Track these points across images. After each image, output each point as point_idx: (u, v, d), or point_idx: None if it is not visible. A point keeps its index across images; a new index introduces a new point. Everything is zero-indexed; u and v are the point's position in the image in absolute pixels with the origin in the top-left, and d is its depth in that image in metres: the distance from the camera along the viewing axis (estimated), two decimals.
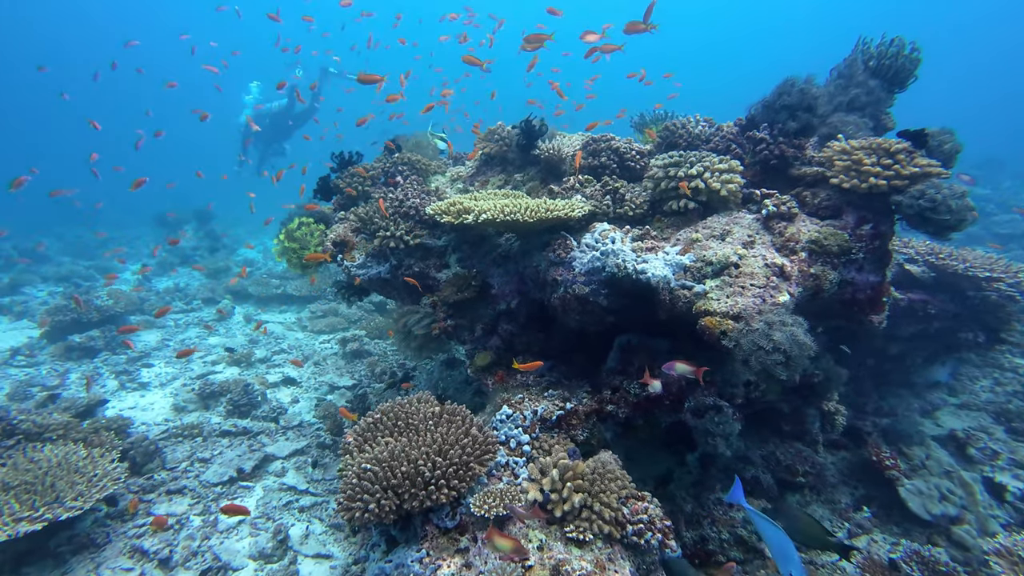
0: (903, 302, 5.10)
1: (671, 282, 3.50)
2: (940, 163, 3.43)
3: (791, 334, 2.94)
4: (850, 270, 3.58)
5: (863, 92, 4.12)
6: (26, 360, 8.88)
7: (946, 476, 5.25)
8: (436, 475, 3.00)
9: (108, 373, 8.24)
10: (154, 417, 6.87)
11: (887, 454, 5.21)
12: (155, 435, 6.30)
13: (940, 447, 5.74)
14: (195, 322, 10.78)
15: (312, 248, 4.75)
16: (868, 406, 6.01)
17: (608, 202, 4.12)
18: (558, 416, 3.71)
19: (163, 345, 9.64)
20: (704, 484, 4.84)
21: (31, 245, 17.61)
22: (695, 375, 3.24)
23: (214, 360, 8.81)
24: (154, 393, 7.62)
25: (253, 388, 7.07)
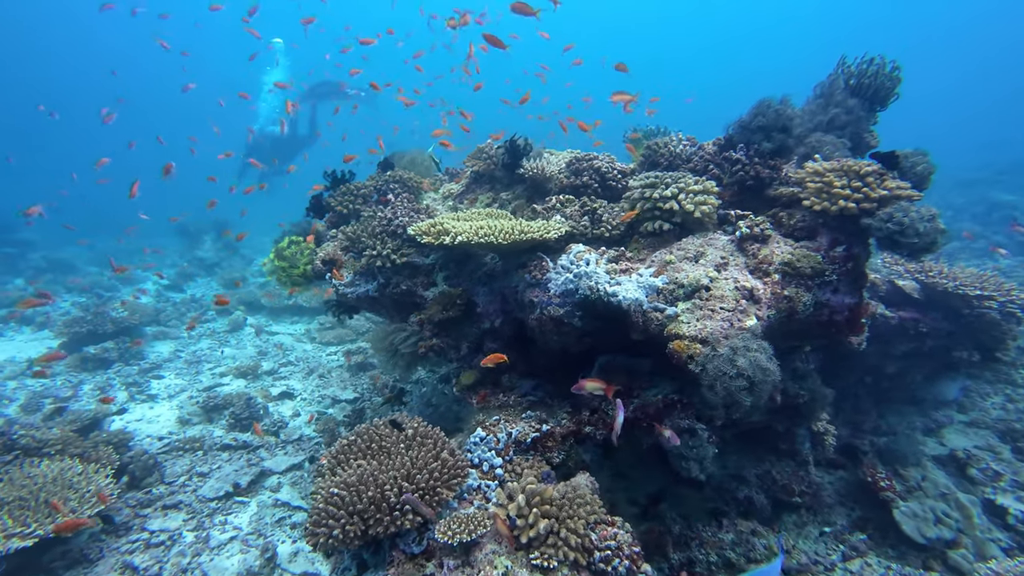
0: (894, 320, 4.99)
1: (643, 304, 3.46)
2: (912, 185, 3.36)
3: (754, 360, 2.89)
4: (825, 292, 3.51)
5: (843, 111, 4.05)
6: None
7: (942, 498, 5.11)
8: (403, 500, 2.99)
9: (119, 385, 8.38)
10: (159, 430, 6.96)
11: (882, 475, 5.10)
12: (157, 448, 6.39)
13: (938, 468, 5.59)
14: (208, 333, 10.95)
15: (301, 266, 4.80)
16: (866, 424, 5.89)
17: (586, 223, 4.10)
18: (533, 438, 3.68)
19: (175, 356, 9.79)
20: (695, 503, 4.78)
21: (63, 256, 18.05)
22: (605, 392, 3.30)
23: (222, 372, 8.92)
24: (162, 405, 7.73)
25: (255, 402, 7.14)
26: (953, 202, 16.89)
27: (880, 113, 4.39)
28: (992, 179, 18.10)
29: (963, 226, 14.34)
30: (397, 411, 5.61)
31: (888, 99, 4.23)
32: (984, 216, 15.06)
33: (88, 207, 19.53)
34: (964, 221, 14.94)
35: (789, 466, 5.35)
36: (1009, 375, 6.60)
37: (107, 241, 21.43)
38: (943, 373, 5.95)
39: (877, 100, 4.21)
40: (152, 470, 5.76)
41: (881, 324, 5.01)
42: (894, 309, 5.01)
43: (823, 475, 5.50)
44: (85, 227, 21.69)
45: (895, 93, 4.25)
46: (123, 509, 5.22)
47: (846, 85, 4.21)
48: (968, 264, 10.46)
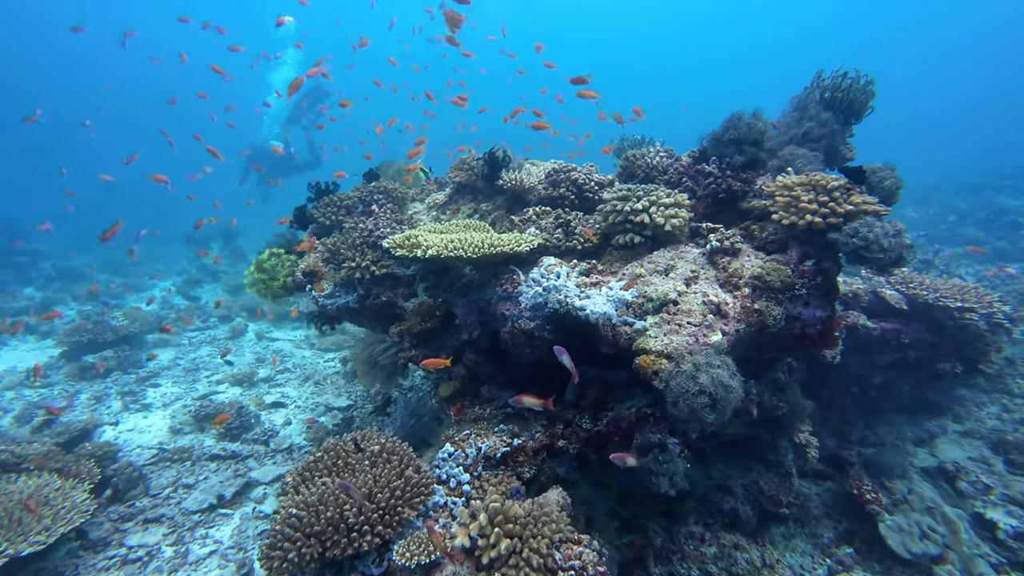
0: (876, 331, 4.90)
1: (612, 318, 3.40)
2: (880, 199, 3.29)
3: (716, 377, 2.82)
4: (796, 305, 3.44)
5: (816, 124, 3.99)
6: (40, 381, 9.08)
7: (928, 512, 5.00)
8: (360, 520, 2.93)
9: (115, 394, 8.38)
10: (150, 440, 6.93)
11: (868, 487, 5.00)
12: (145, 459, 6.36)
13: (926, 480, 5.48)
14: (208, 340, 10.95)
15: (281, 279, 4.77)
16: (853, 435, 5.78)
17: (560, 235, 4.05)
18: (503, 453, 3.62)
19: (174, 364, 9.80)
20: (677, 516, 4.71)
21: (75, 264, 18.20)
22: (543, 407, 3.29)
23: (219, 380, 8.91)
24: (156, 414, 7.71)
25: (247, 410, 7.11)
26: (957, 207, 16.69)
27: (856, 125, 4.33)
28: (998, 184, 17.90)
29: (967, 232, 14.18)
30: (381, 421, 5.57)
31: (862, 112, 4.17)
32: (989, 221, 14.86)
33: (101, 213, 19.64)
34: (968, 226, 14.74)
35: (776, 477, 5.27)
36: (1005, 384, 6.47)
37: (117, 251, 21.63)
38: (930, 384, 5.85)
39: (851, 113, 4.15)
40: (137, 483, 5.72)
41: (863, 335, 4.92)
42: (876, 320, 4.92)
43: (810, 486, 5.41)
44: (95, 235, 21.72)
45: (869, 106, 4.18)
46: (103, 524, 5.17)
47: (821, 99, 4.15)
48: (971, 271, 10.36)
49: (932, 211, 16.96)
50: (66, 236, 20.58)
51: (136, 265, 19.44)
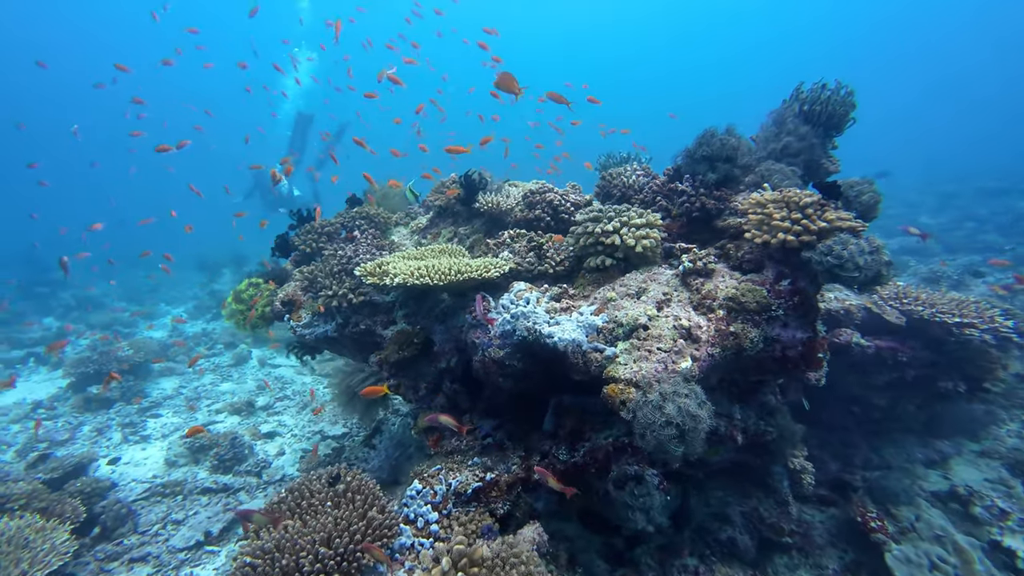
0: (870, 349, 4.66)
1: (582, 345, 3.24)
2: (857, 215, 3.11)
3: (683, 407, 2.64)
4: (774, 327, 3.25)
5: (795, 139, 3.83)
6: (47, 413, 9.07)
7: (937, 541, 4.70)
8: (316, 569, 2.77)
9: (116, 426, 8.32)
10: (145, 473, 6.83)
11: (873, 514, 4.73)
12: (138, 494, 6.25)
13: (935, 506, 5.17)
14: (212, 368, 10.91)
15: (259, 309, 4.67)
16: (856, 458, 5.50)
17: (532, 258, 3.91)
18: (475, 489, 3.43)
19: (176, 393, 9.75)
20: (672, 548, 4.48)
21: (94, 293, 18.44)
22: (458, 429, 3.30)
23: (219, 409, 8.83)
24: (154, 446, 7.62)
25: (241, 440, 6.99)
26: (976, 213, 16.30)
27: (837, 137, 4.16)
28: (1019, 188, 17.46)
29: (987, 238, 13.82)
30: (366, 452, 5.41)
31: (842, 124, 3.99)
32: (1009, 227, 14.45)
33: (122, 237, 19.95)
34: (989, 232, 14.36)
35: (775, 504, 5.03)
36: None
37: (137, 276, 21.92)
38: (938, 402, 5.57)
39: (831, 126, 3.98)
40: (125, 519, 5.60)
41: (858, 354, 4.69)
42: (871, 338, 4.69)
43: (814, 513, 5.14)
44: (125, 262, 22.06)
45: (850, 118, 4.01)
46: (89, 564, 5.04)
47: (800, 112, 3.99)
48: (993, 280, 9.99)
49: (946, 219, 16.57)
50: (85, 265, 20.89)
51: (153, 292, 19.68)
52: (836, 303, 4.80)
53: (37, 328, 14.88)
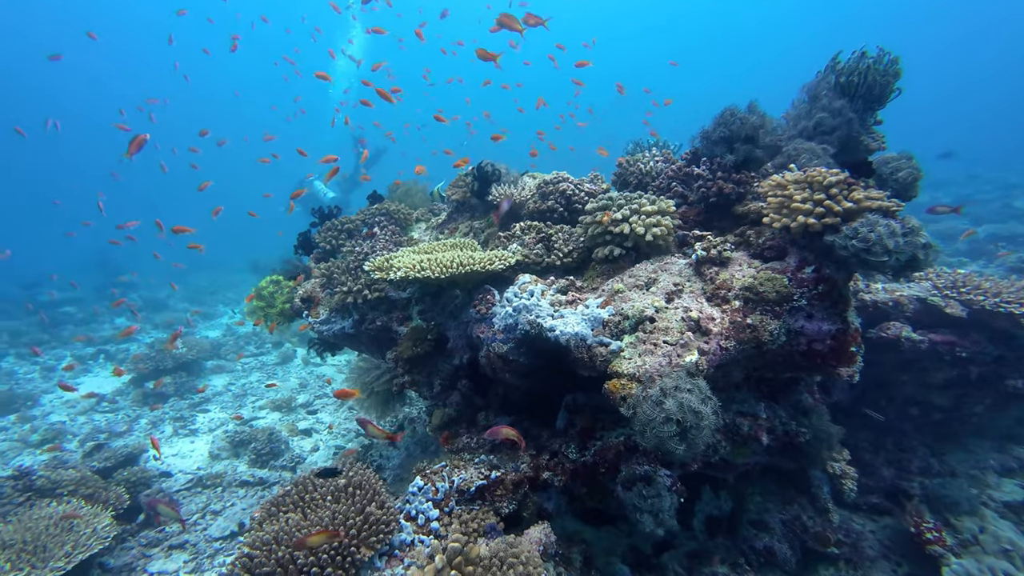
0: (923, 344, 4.30)
1: (587, 339, 3.12)
2: (893, 193, 2.85)
3: (683, 402, 2.49)
4: (797, 318, 3.03)
5: (828, 114, 3.55)
6: (109, 406, 9.66)
7: (1004, 555, 4.33)
8: (310, 562, 2.79)
9: (169, 420, 8.77)
10: (191, 464, 7.15)
11: (930, 524, 4.40)
12: (182, 484, 6.56)
13: (1004, 517, 4.76)
14: (259, 366, 11.33)
15: (279, 305, 4.77)
16: (914, 464, 5.12)
17: (540, 250, 3.81)
18: (478, 487, 3.38)
19: (226, 390, 10.17)
20: (703, 555, 4.32)
21: (160, 295, 19.56)
22: (519, 442, 3.21)
23: (261, 405, 9.16)
24: (201, 439, 7.99)
25: (278, 436, 7.22)
26: None
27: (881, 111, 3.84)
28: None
29: None
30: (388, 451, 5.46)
31: (885, 96, 3.68)
32: None
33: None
34: None
35: (818, 511, 4.77)
36: None
37: (199, 278, 23.12)
38: (1014, 403, 5.10)
39: (872, 98, 3.67)
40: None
41: (909, 350, 4.33)
42: (924, 332, 4.32)
43: (865, 522, 4.84)
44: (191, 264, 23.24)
45: (894, 89, 3.70)
46: (133, 548, 5.32)
47: (836, 84, 3.70)
48: None
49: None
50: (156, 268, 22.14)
51: (212, 294, 20.69)
52: (884, 294, 4.47)
53: (108, 327, 15.88)
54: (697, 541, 4.48)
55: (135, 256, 20.45)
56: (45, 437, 8.41)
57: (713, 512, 4.60)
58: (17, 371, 12.10)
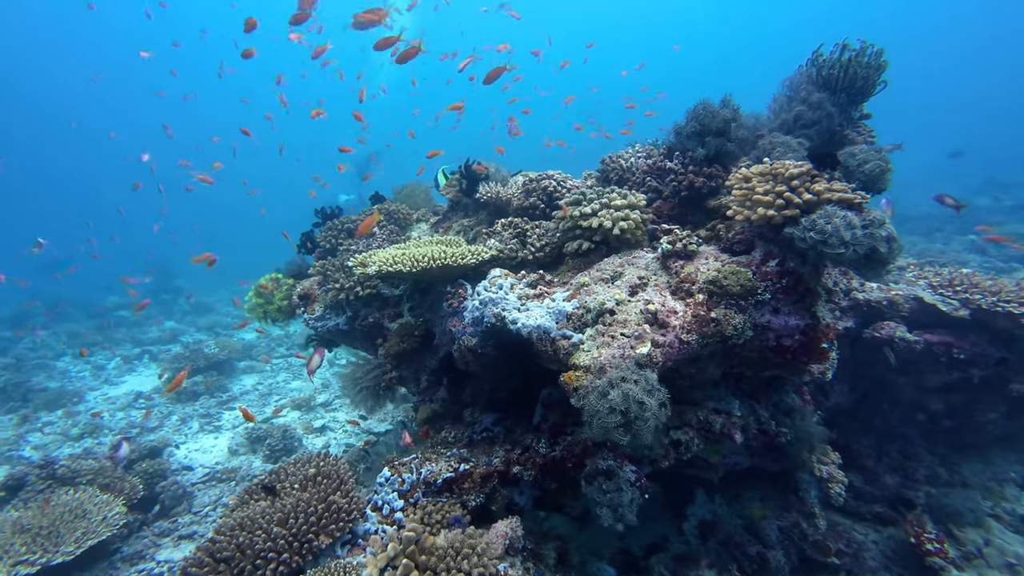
0: (919, 345, 4.06)
1: (551, 332, 3.06)
2: (860, 186, 2.70)
3: (628, 393, 2.40)
4: (763, 313, 2.90)
5: (806, 107, 3.40)
6: (145, 403, 9.98)
7: (1009, 570, 4.07)
8: (267, 547, 2.79)
9: (196, 417, 9.00)
10: (211, 459, 7.31)
11: (932, 535, 4.16)
12: (199, 477, 6.71)
13: (1016, 531, 4.46)
14: (286, 366, 11.55)
15: (276, 302, 4.84)
16: (919, 472, 4.85)
17: (514, 245, 3.75)
18: (446, 479, 3.33)
19: (254, 389, 10.39)
20: (691, 559, 4.18)
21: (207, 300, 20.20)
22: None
23: (283, 404, 9.31)
24: (224, 435, 8.16)
25: (292, 433, 7.32)
26: None
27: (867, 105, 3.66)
28: None
29: None
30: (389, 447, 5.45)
31: (869, 89, 3.51)
32: None
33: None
34: None
35: (827, 518, 4.55)
36: None
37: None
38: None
39: (856, 92, 3.50)
40: (181, 500, 6.01)
41: (904, 350, 4.10)
42: (920, 332, 4.08)
43: (868, 532, 4.60)
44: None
45: (880, 82, 3.52)
46: (146, 537, 5.45)
47: (817, 77, 3.55)
48: None
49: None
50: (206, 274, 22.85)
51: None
52: (878, 292, 4.25)
53: (155, 329, 16.45)
54: (689, 545, 4.33)
55: (187, 262, 21.23)
56: (84, 431, 8.72)
57: (706, 516, 4.44)
58: (71, 370, 12.59)
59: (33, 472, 5.61)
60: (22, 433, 8.80)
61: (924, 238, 12.93)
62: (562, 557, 3.66)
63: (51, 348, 14.27)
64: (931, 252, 10.75)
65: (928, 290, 4.02)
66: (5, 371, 11.53)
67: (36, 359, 13.10)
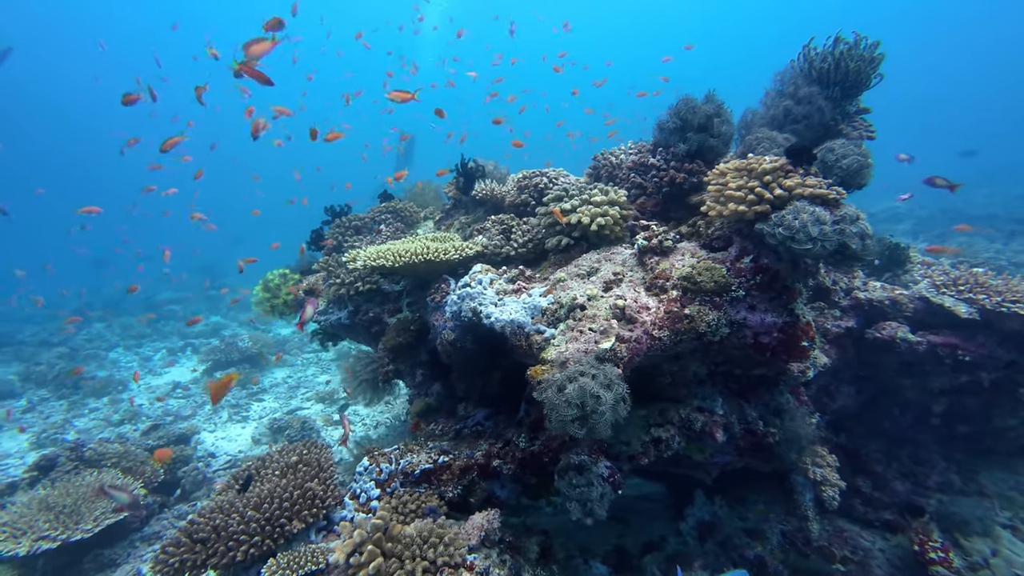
0: (921, 346, 3.83)
1: (524, 326, 3.01)
2: (839, 181, 2.56)
3: (583, 387, 2.33)
4: (739, 309, 2.79)
5: (794, 101, 3.25)
6: (182, 393, 10.32)
7: None
8: (240, 530, 2.82)
9: (227, 407, 9.25)
10: (236, 447, 7.50)
11: (937, 544, 3.95)
12: (221, 464, 6.88)
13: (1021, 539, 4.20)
14: (315, 361, 11.77)
15: (282, 296, 4.92)
16: (931, 479, 4.60)
17: (499, 241, 3.71)
18: (424, 470, 3.32)
19: (284, 382, 10.62)
20: (684, 559, 4.08)
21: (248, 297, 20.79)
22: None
23: (308, 396, 9.48)
24: (250, 425, 8.36)
25: (311, 424, 7.45)
26: None
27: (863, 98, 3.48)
28: None
29: None
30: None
31: (864, 83, 3.33)
32: None
33: None
34: None
35: (833, 524, 4.39)
36: None
37: None
38: None
39: (850, 85, 3.33)
40: (201, 485, 6.16)
41: (906, 352, 3.88)
42: (923, 333, 3.85)
43: (875, 539, 4.40)
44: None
45: (876, 75, 3.34)
46: (165, 519, 5.61)
47: (809, 71, 3.39)
48: None
49: None
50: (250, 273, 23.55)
51: None
52: (881, 292, 4.04)
53: (201, 324, 16.99)
54: (686, 545, 4.23)
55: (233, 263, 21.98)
56: (124, 418, 9.07)
57: (705, 517, 4.33)
58: (120, 360, 13.11)
59: (64, 454, 5.85)
60: (69, 418, 9.20)
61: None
62: (545, 551, 3.59)
63: (105, 340, 14.86)
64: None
65: (931, 289, 3.79)
66: (60, 360, 12.10)
67: (90, 349, 13.69)
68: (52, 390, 10.40)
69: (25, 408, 9.57)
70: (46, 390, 10.41)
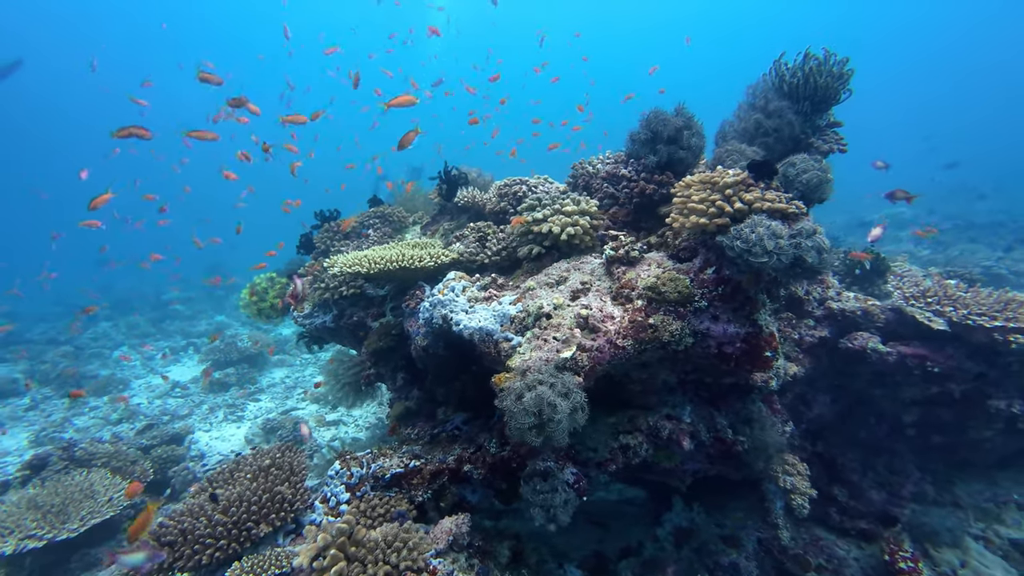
0: (891, 357, 3.79)
1: (493, 334, 2.99)
2: (799, 195, 2.54)
3: (541, 395, 2.31)
4: (702, 320, 2.76)
5: (764, 115, 3.23)
6: (181, 392, 10.31)
7: None
8: (205, 533, 2.80)
9: (223, 407, 9.24)
10: (228, 447, 7.48)
11: (907, 554, 3.92)
12: (213, 463, 6.86)
13: (1006, 557, 4.15)
14: (313, 361, 11.76)
15: (269, 300, 4.91)
16: (906, 489, 4.55)
17: (474, 248, 3.69)
18: (394, 475, 3.30)
19: (281, 382, 10.61)
20: (657, 564, 4.05)
21: None
22: None
23: (303, 397, 9.47)
24: (245, 425, 8.35)
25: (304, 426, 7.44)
26: None
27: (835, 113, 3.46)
28: None
29: None
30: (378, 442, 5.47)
31: (833, 98, 3.30)
32: None
33: None
34: None
35: (809, 532, 4.35)
36: None
37: None
38: None
39: (820, 99, 3.31)
40: (191, 485, 6.15)
41: (877, 362, 3.84)
42: (894, 344, 3.81)
43: (850, 548, 4.35)
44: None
45: (846, 90, 3.32)
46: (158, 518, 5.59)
47: (779, 85, 3.37)
48: None
49: None
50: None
51: None
52: (854, 302, 4.00)
53: (205, 323, 17.02)
54: (663, 551, 4.19)
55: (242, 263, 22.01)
56: (122, 417, 9.06)
57: (682, 523, 4.30)
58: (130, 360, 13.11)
59: (56, 453, 5.84)
60: (69, 416, 9.19)
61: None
62: (517, 556, 3.56)
63: (110, 339, 14.87)
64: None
65: (901, 301, 3.76)
66: (64, 359, 12.12)
67: (95, 348, 13.71)
68: (55, 388, 10.41)
69: (28, 406, 9.58)
70: (49, 388, 10.42)
